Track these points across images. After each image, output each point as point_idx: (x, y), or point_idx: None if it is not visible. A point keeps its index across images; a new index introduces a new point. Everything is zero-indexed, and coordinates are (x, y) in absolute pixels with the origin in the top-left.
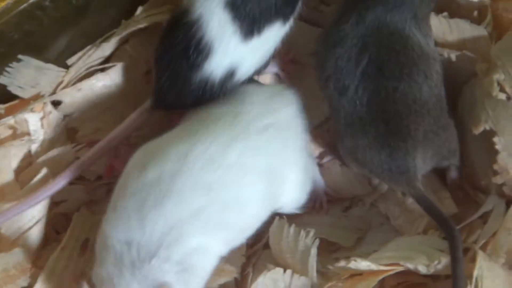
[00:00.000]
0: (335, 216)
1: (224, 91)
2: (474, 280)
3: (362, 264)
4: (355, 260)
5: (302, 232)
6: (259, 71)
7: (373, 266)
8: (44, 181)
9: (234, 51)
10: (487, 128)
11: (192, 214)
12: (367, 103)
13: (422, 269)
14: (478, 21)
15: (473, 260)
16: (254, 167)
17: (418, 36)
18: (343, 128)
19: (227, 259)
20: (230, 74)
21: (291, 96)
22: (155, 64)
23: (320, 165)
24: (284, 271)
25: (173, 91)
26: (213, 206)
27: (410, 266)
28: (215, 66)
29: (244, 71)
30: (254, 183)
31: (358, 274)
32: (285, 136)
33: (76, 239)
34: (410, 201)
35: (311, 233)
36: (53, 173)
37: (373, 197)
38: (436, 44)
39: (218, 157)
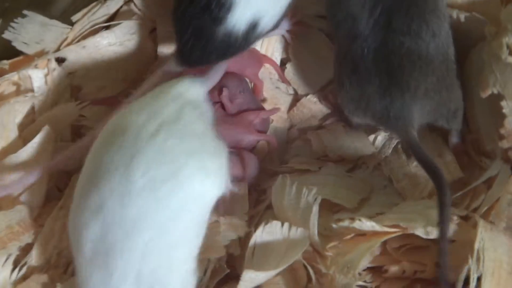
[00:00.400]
0: (338, 177)
1: (248, 44)
2: (475, 252)
3: (367, 225)
4: (359, 220)
5: (304, 190)
6: (276, 25)
7: (377, 227)
8: (47, 138)
9: (256, 2)
10: (495, 91)
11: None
12: (374, 52)
13: (421, 232)
14: None
15: (475, 227)
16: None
17: None
18: (350, 75)
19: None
20: (253, 26)
21: (180, 86)
22: (176, 22)
23: (323, 127)
24: (282, 224)
25: (197, 48)
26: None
27: (411, 229)
28: (238, 19)
29: (266, 22)
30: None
31: (361, 235)
32: (180, 129)
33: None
34: (414, 164)
35: (313, 191)
36: (56, 130)
37: (377, 160)
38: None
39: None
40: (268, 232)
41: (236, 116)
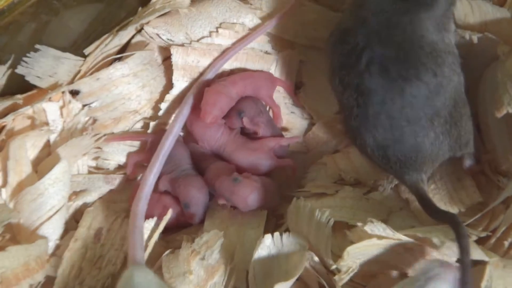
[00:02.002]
0: (355, 200)
1: None
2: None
3: (378, 227)
4: (371, 222)
5: (318, 212)
6: None
7: (389, 231)
8: (63, 171)
9: None
10: (510, 111)
11: None
12: (370, 104)
13: (436, 241)
14: (498, 4)
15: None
16: None
17: (432, 34)
18: (351, 124)
19: None
20: None
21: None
22: None
23: (338, 151)
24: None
25: None
26: None
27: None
28: None
29: None
30: None
31: None
32: None
33: (88, 229)
34: (431, 187)
35: (326, 213)
36: (72, 163)
37: (394, 182)
38: (458, 26)
39: None
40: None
41: (256, 142)
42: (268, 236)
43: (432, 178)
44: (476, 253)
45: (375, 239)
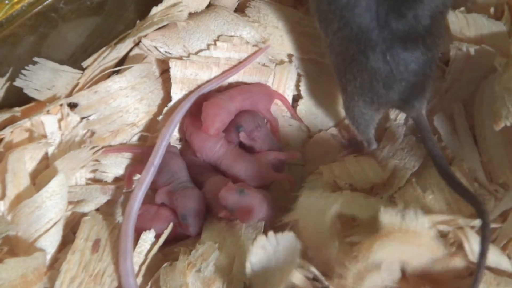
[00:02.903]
0: (354, 196)
1: None
2: None
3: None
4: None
5: (324, 202)
6: None
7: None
8: (61, 184)
9: None
10: (508, 124)
11: None
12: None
13: (466, 222)
14: (494, 18)
15: None
16: None
17: None
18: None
19: None
20: None
21: None
22: None
23: (335, 161)
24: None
25: None
26: None
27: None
28: None
29: None
30: None
31: None
32: None
33: (85, 240)
34: (430, 197)
35: (332, 201)
36: (69, 176)
37: (391, 191)
38: (454, 38)
39: None
40: (258, 247)
41: (254, 155)
42: (262, 237)
43: (430, 188)
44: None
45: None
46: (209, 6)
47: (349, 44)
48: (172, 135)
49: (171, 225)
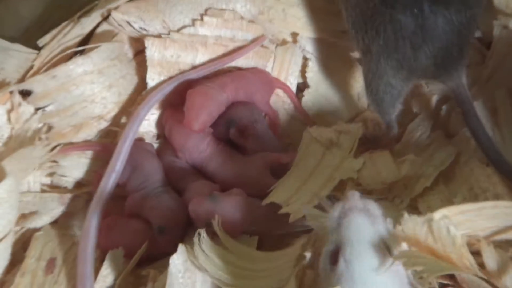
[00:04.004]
0: None
1: None
2: None
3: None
4: None
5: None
6: None
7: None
8: (10, 190)
9: None
10: None
11: None
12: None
13: None
14: None
15: None
16: None
17: None
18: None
19: None
20: None
21: None
22: None
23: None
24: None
25: None
26: None
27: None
28: None
29: None
30: None
31: None
32: None
33: (37, 260)
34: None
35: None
36: (20, 179)
37: (413, 193)
38: (498, 13)
39: None
40: None
41: (249, 156)
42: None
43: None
44: None
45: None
46: None
47: None
48: (139, 130)
49: (146, 244)
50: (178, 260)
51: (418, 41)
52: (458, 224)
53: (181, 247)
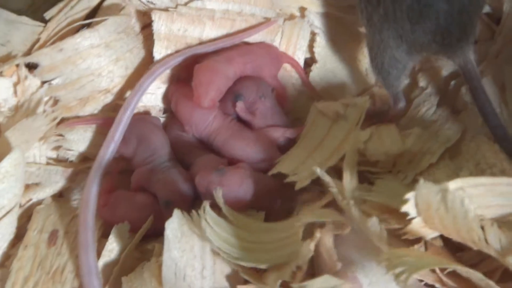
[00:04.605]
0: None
1: None
2: None
3: None
4: None
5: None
6: None
7: None
8: (17, 162)
9: None
10: None
11: None
12: None
13: None
14: None
15: None
16: None
17: None
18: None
19: None
20: None
21: None
22: None
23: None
24: None
25: None
26: None
27: None
28: None
29: None
30: None
31: None
32: None
33: (40, 232)
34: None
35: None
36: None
37: (418, 169)
38: None
39: None
40: None
41: (256, 131)
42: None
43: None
44: None
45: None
46: None
47: None
48: (146, 104)
49: (151, 218)
50: (173, 224)
51: (415, 16)
52: (470, 197)
53: (176, 212)
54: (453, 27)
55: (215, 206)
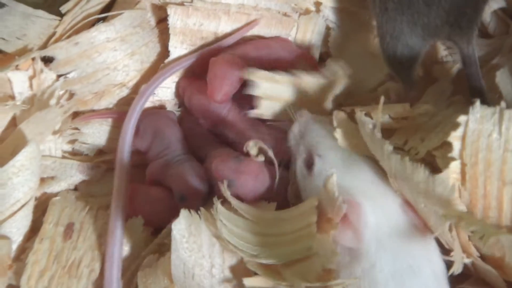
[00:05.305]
0: None
1: None
2: None
3: None
4: None
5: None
6: None
7: None
8: (32, 155)
9: None
10: None
11: None
12: None
13: None
14: None
15: None
16: None
17: None
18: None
19: None
20: None
21: None
22: None
23: None
24: None
25: None
26: None
27: None
28: None
29: None
30: None
31: None
32: None
33: (55, 225)
34: None
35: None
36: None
37: (431, 146)
38: None
39: None
40: None
41: (272, 124)
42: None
43: None
44: None
45: None
46: None
47: None
48: (162, 98)
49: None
50: (180, 225)
51: None
52: None
53: (183, 212)
54: (467, 7)
55: (226, 200)
